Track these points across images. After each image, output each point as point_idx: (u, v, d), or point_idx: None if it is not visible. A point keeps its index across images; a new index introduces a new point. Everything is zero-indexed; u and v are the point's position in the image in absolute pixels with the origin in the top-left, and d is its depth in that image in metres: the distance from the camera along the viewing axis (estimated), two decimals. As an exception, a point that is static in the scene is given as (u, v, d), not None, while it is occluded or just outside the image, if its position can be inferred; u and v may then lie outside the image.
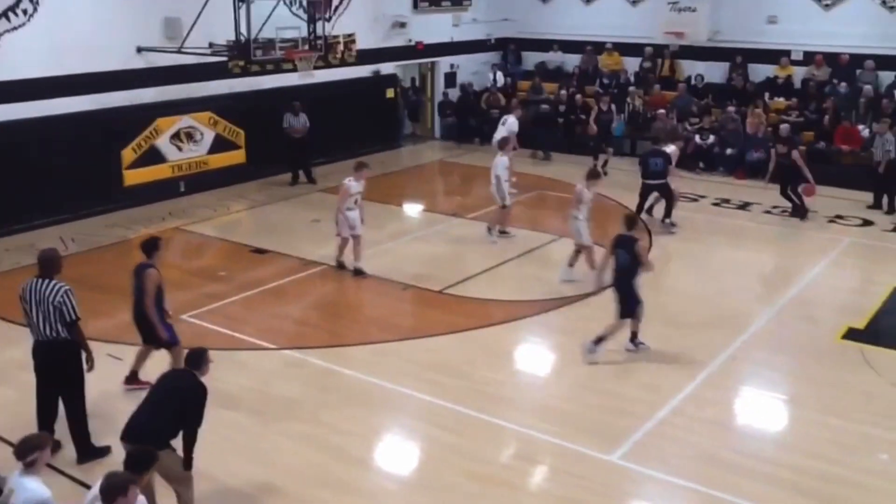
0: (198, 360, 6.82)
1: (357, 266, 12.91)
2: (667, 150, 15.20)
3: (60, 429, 7.99)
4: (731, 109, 19.53)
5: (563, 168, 18.97)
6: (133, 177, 16.42)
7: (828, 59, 20.06)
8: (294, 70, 17.09)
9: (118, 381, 9.25)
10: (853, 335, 10.78)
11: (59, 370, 7.83)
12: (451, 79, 23.84)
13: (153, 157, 16.72)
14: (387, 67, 21.62)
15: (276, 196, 17.52)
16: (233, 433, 8.41)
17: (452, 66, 23.83)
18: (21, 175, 14.57)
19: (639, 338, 10.27)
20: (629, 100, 21.27)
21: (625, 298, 10.07)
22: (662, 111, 19.83)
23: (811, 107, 19.52)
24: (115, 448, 7.27)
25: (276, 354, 10.36)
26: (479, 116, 22.63)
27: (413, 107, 23.71)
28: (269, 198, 17.40)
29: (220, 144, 17.90)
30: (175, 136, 17.06)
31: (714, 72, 21.47)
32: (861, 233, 15.16)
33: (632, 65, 22.76)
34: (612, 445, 8.20)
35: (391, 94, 21.86)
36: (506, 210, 14.32)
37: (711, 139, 19.46)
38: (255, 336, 10.76)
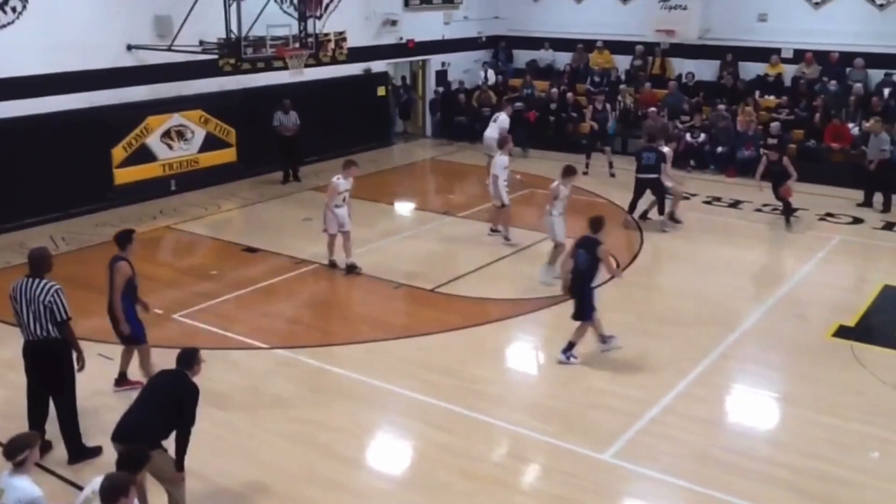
0: (189, 360, 6.79)
1: (349, 262, 12.94)
2: (662, 149, 15.22)
3: (51, 429, 7.96)
4: (722, 107, 19.58)
5: (556, 166, 18.92)
6: (124, 175, 16.37)
7: (818, 57, 20.14)
8: (285, 68, 17.06)
9: (109, 381, 9.23)
10: (844, 333, 10.82)
11: (50, 370, 7.79)
12: (443, 77, 23.85)
13: (144, 156, 16.68)
14: (378, 65, 21.62)
15: (268, 194, 17.49)
16: (224, 432, 8.39)
17: (444, 65, 23.85)
18: (11, 173, 14.54)
19: (574, 350, 9.89)
20: (620, 98, 21.32)
21: (580, 301, 9.83)
22: (653, 109, 19.85)
23: (801, 105, 19.61)
24: (106, 448, 7.24)
25: (268, 353, 10.33)
26: (463, 113, 22.66)
27: (404, 105, 23.69)
28: (261, 196, 17.37)
29: (211, 143, 17.86)
30: (166, 135, 17.01)
31: (705, 70, 21.53)
32: (851, 231, 15.22)
33: (623, 63, 22.83)
34: (605, 444, 8.21)
35: (382, 93, 21.85)
36: (506, 209, 14.20)
37: (702, 137, 19.50)
38: (247, 335, 10.74)
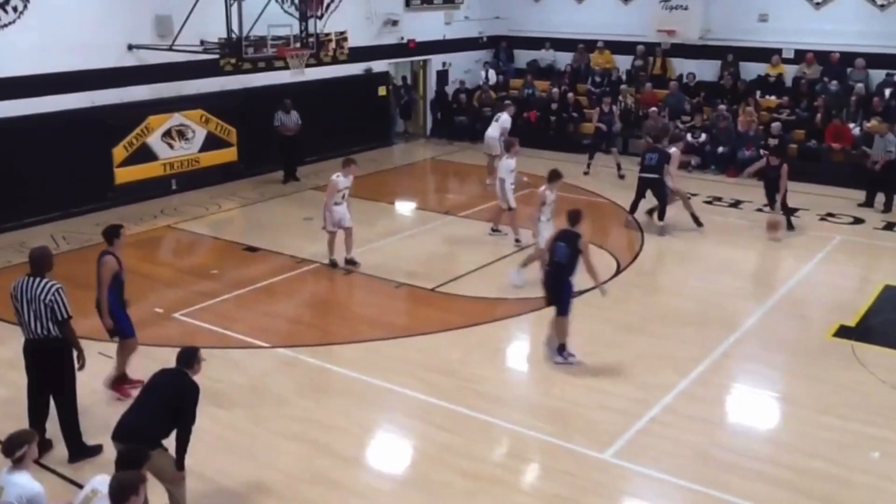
0: (189, 359, 6.78)
1: (348, 257, 13.01)
2: (668, 151, 15.13)
3: (52, 427, 7.97)
4: (723, 108, 19.57)
5: (555, 166, 18.90)
6: (124, 175, 16.37)
7: (819, 58, 20.13)
8: (286, 68, 17.06)
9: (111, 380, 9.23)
10: (844, 333, 10.82)
11: (51, 369, 7.79)
12: (444, 77, 23.86)
13: (145, 155, 16.67)
14: (379, 65, 21.63)
15: (268, 194, 17.49)
16: (224, 431, 8.39)
17: (444, 65, 23.85)
18: (12, 173, 14.54)
19: (567, 349, 9.78)
20: (621, 98, 21.31)
21: (558, 296, 9.69)
22: (654, 109, 19.85)
23: (802, 105, 19.60)
24: (107, 447, 7.24)
25: (268, 352, 10.33)
26: (464, 113, 22.67)
27: (405, 105, 23.70)
28: (261, 196, 17.37)
29: (212, 142, 17.86)
30: (167, 134, 17.00)
31: (705, 70, 21.52)
32: (852, 231, 15.21)
33: (623, 63, 22.81)
34: (605, 443, 8.21)
35: (383, 92, 21.86)
36: (513, 212, 14.06)
37: (703, 137, 19.50)
38: (248, 334, 10.73)
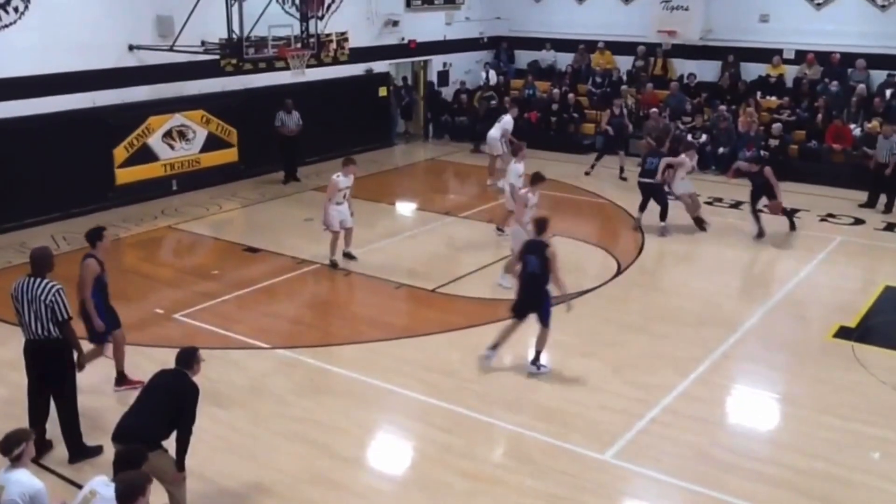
0: (189, 360, 6.77)
1: (347, 250, 13.15)
2: (680, 158, 14.94)
3: (52, 428, 7.98)
4: (723, 108, 19.56)
5: (556, 167, 18.96)
6: (125, 175, 16.38)
7: (819, 58, 20.13)
8: (286, 68, 17.07)
9: (110, 381, 9.23)
10: (844, 334, 10.81)
11: (51, 369, 7.80)
12: (444, 77, 23.85)
13: (145, 156, 16.69)
14: (379, 66, 21.62)
15: (269, 194, 17.50)
16: (225, 432, 8.40)
17: (445, 65, 23.85)
18: (12, 173, 14.55)
19: (541, 359, 9.77)
20: (614, 100, 21.26)
21: (540, 306, 9.60)
22: (655, 110, 19.84)
23: (803, 105, 19.59)
24: (107, 448, 7.24)
25: (269, 353, 10.34)
26: (464, 114, 22.67)
27: (406, 106, 23.70)
28: (262, 196, 17.37)
29: (213, 143, 17.87)
30: (167, 135, 17.01)
31: (706, 70, 21.51)
32: (852, 231, 15.20)
33: (624, 63, 22.81)
34: (605, 444, 8.21)
35: (384, 93, 21.86)
36: None
37: (704, 138, 19.49)
38: (248, 335, 10.74)
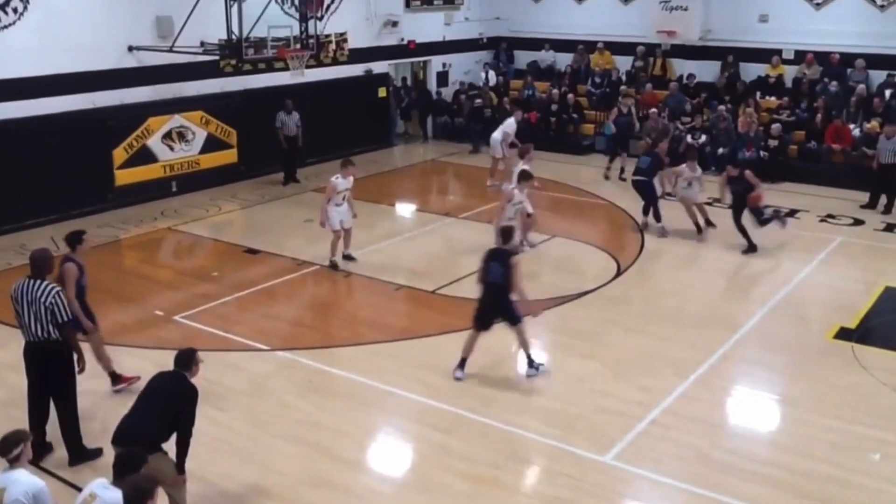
0: (187, 361, 6.76)
1: (346, 252, 13.17)
2: (676, 168, 14.91)
3: (52, 430, 7.97)
4: (722, 108, 19.56)
5: (555, 167, 18.97)
6: (124, 177, 16.38)
7: (819, 58, 20.12)
8: (286, 69, 17.07)
9: (109, 383, 9.23)
10: (845, 334, 10.80)
11: (51, 371, 7.79)
12: (444, 78, 23.85)
13: (145, 157, 16.68)
14: (379, 66, 21.62)
15: (269, 196, 17.49)
16: (225, 434, 8.39)
17: (444, 66, 23.85)
18: (11, 175, 14.55)
19: (535, 360, 9.73)
20: (621, 99, 21.27)
21: (505, 310, 9.52)
22: (654, 110, 19.84)
23: (802, 106, 19.58)
24: (107, 450, 7.22)
25: (269, 355, 10.33)
26: (461, 115, 22.67)
27: (406, 107, 23.68)
28: (262, 198, 17.36)
29: (212, 144, 17.86)
30: (167, 136, 17.01)
31: (706, 71, 21.50)
32: (852, 232, 15.20)
33: (624, 64, 22.80)
34: (605, 446, 8.21)
35: (383, 94, 21.86)
36: (531, 218, 13.69)
37: (703, 138, 19.48)
38: (248, 337, 10.74)
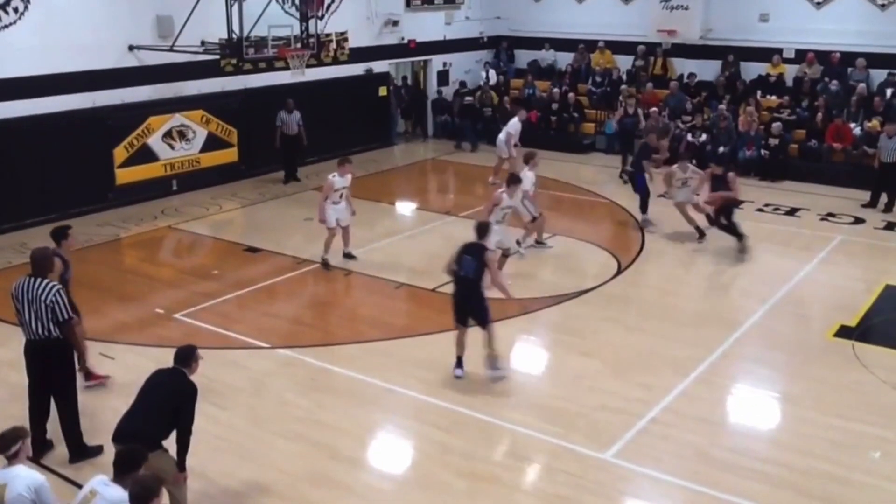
0: (187, 358, 6.76)
1: (346, 251, 13.19)
2: (668, 168, 14.91)
3: (52, 428, 7.98)
4: (722, 107, 19.56)
5: (556, 167, 18.97)
6: (125, 175, 16.38)
7: (819, 57, 20.11)
8: (286, 68, 17.05)
9: (110, 381, 9.24)
10: (845, 333, 10.80)
11: (52, 369, 7.79)
12: (444, 77, 23.85)
13: (145, 156, 16.68)
14: (379, 66, 21.62)
15: (269, 194, 17.49)
16: (225, 432, 8.40)
17: (445, 65, 23.85)
18: (12, 173, 14.56)
19: (498, 360, 9.52)
20: (621, 98, 21.28)
21: (476, 308, 9.38)
22: (655, 109, 19.83)
23: (803, 105, 19.58)
24: (107, 448, 7.23)
25: (269, 353, 10.33)
26: (460, 115, 22.62)
27: (407, 106, 23.68)
28: (262, 196, 17.37)
29: (213, 143, 17.86)
30: (167, 135, 17.01)
31: (706, 70, 21.49)
32: (853, 230, 15.19)
33: (624, 63, 22.80)
34: (606, 443, 8.21)
35: (384, 93, 21.86)
36: (537, 222, 13.57)
37: (704, 137, 19.48)
38: (248, 335, 10.74)
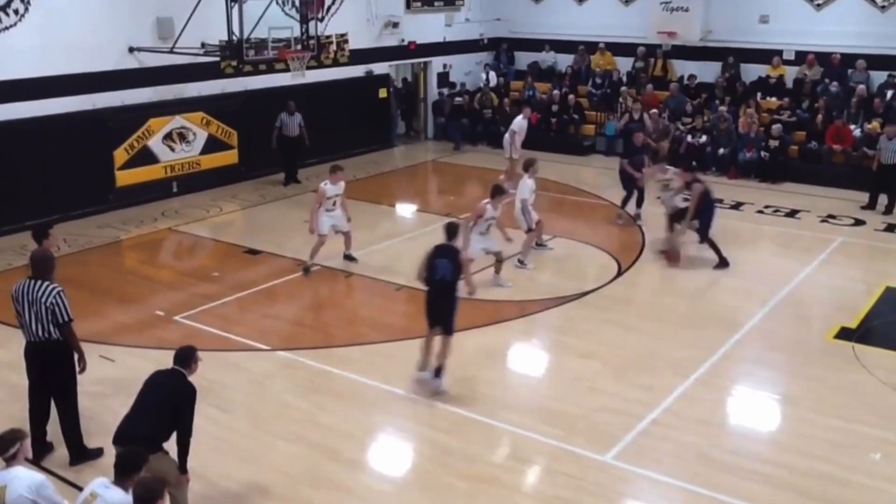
0: (186, 359, 6.77)
1: (347, 253, 13.26)
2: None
3: (53, 430, 7.98)
4: (723, 109, 19.56)
5: (556, 168, 18.97)
6: (125, 177, 16.38)
7: (819, 59, 20.12)
8: (286, 70, 17.05)
9: (111, 383, 9.23)
10: (845, 334, 10.81)
11: (52, 371, 7.79)
12: (444, 79, 23.85)
13: (146, 158, 16.68)
14: (379, 67, 21.62)
15: (269, 196, 17.49)
16: (226, 434, 8.40)
17: (445, 66, 23.85)
18: (13, 175, 14.56)
19: (442, 373, 9.27)
20: (621, 99, 21.30)
21: (447, 314, 9.22)
22: (655, 111, 19.84)
23: (803, 106, 19.58)
24: (107, 450, 7.23)
25: (269, 355, 10.33)
26: (461, 115, 22.62)
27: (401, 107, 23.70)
28: (262, 198, 17.37)
29: (213, 145, 17.87)
30: (167, 137, 17.01)
31: (707, 71, 21.50)
32: (853, 232, 15.19)
33: (624, 65, 22.80)
34: (606, 445, 8.21)
35: (384, 94, 21.85)
36: (534, 231, 13.44)
37: (704, 138, 19.48)
38: (248, 337, 10.74)
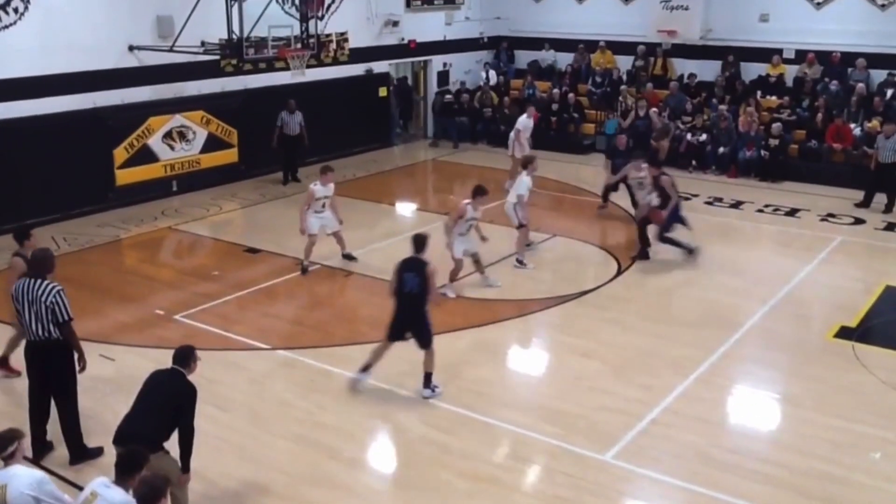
0: (186, 358, 6.77)
1: (345, 252, 13.28)
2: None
3: (53, 429, 7.98)
4: (723, 108, 19.56)
5: (556, 167, 18.98)
6: (125, 176, 16.37)
7: (819, 58, 20.11)
8: (286, 69, 17.05)
9: (111, 382, 9.25)
10: (845, 333, 10.82)
11: (52, 370, 7.79)
12: (445, 77, 23.84)
13: (145, 157, 16.68)
14: (379, 66, 21.62)
15: (269, 195, 17.49)
16: (226, 433, 8.40)
17: (445, 65, 23.85)
18: (12, 174, 14.55)
19: (432, 382, 9.18)
20: (621, 98, 21.30)
21: (420, 326, 9.08)
22: (655, 110, 19.84)
23: (803, 105, 19.57)
24: (108, 449, 7.24)
25: (269, 354, 10.34)
26: (462, 114, 22.60)
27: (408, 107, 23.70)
28: (262, 197, 17.37)
29: (213, 143, 17.86)
30: (167, 136, 17.01)
31: (706, 70, 21.49)
32: (853, 231, 15.20)
33: (624, 63, 22.79)
34: (606, 444, 8.21)
35: (384, 93, 21.85)
36: (523, 230, 13.29)
37: (704, 137, 19.48)
38: (248, 336, 10.74)
